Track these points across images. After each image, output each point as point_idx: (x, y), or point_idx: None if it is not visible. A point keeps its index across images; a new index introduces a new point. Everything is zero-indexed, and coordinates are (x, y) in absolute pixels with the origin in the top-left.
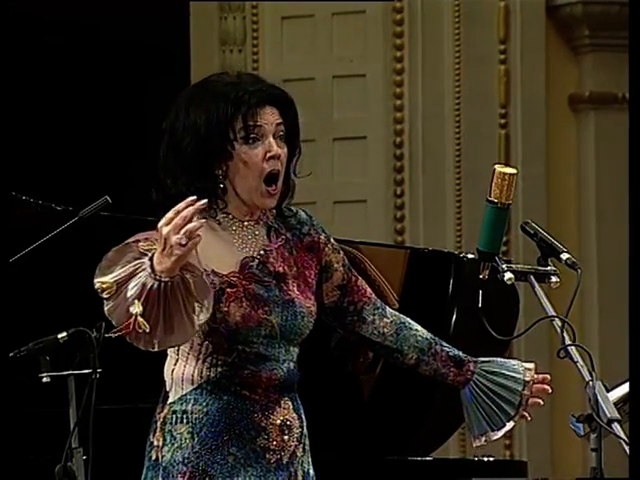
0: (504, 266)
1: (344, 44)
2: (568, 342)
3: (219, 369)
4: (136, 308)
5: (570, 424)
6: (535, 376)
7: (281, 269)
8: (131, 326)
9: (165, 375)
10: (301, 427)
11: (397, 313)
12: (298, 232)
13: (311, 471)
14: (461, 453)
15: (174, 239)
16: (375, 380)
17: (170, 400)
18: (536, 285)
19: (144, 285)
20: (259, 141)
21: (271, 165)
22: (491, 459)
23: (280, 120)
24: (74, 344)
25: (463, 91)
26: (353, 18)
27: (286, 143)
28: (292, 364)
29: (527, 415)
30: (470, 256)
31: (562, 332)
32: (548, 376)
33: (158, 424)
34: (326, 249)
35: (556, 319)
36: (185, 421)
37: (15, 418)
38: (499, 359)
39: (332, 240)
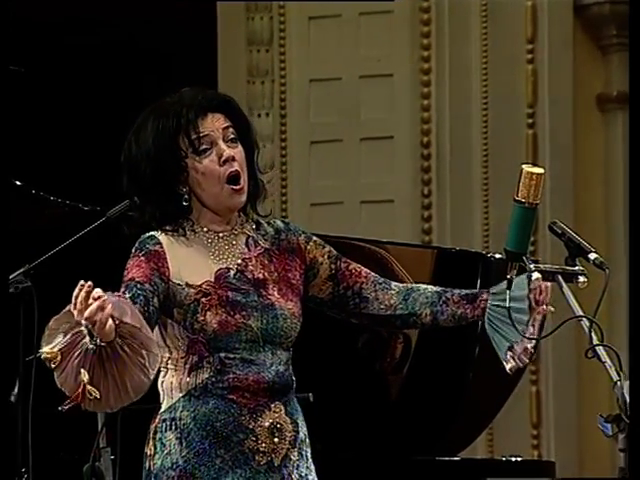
0: (532, 266)
1: (371, 44)
2: (596, 342)
3: (205, 375)
4: (83, 377)
5: (598, 424)
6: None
7: (261, 275)
8: (80, 396)
9: (159, 388)
10: (295, 431)
11: (405, 284)
12: (277, 240)
13: (310, 477)
14: (489, 453)
15: (83, 323)
16: (403, 380)
17: (161, 410)
18: (564, 285)
19: (86, 352)
20: (210, 149)
21: (227, 168)
22: (519, 459)
23: (227, 124)
24: None
25: (490, 91)
26: (380, 18)
27: (241, 143)
28: (282, 367)
29: (550, 308)
30: (498, 256)
31: (590, 332)
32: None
33: (150, 434)
34: (308, 247)
35: (584, 319)
36: (173, 428)
37: (44, 418)
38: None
39: (314, 238)
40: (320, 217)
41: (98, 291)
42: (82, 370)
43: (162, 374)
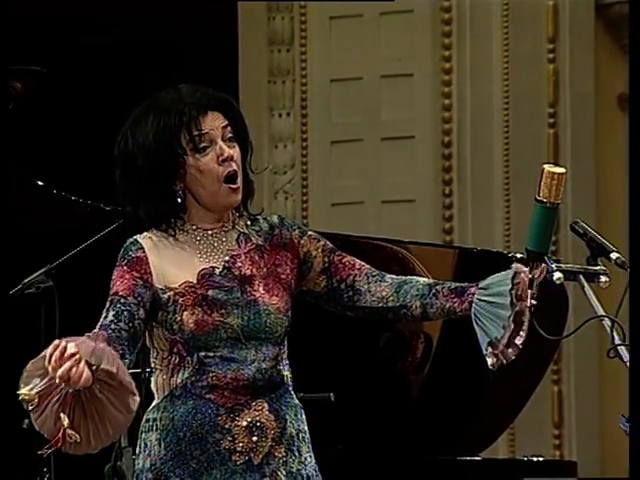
0: (553, 266)
1: (392, 44)
2: (618, 342)
3: (185, 375)
4: (63, 421)
5: (620, 424)
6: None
7: (248, 272)
8: (60, 441)
9: (151, 388)
10: (281, 428)
11: (400, 276)
12: (270, 236)
13: (304, 472)
14: (510, 453)
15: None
16: (424, 380)
17: (148, 410)
18: (585, 285)
19: (65, 397)
20: (209, 147)
21: (226, 167)
22: (540, 459)
23: (225, 122)
24: None
25: (511, 90)
26: (401, 17)
27: (237, 143)
28: (266, 364)
29: (532, 302)
30: (519, 256)
31: (612, 332)
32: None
33: (139, 434)
34: (302, 242)
35: (606, 319)
36: (154, 428)
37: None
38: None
39: (309, 232)
40: (341, 217)
41: (71, 348)
42: (62, 415)
43: (153, 374)
